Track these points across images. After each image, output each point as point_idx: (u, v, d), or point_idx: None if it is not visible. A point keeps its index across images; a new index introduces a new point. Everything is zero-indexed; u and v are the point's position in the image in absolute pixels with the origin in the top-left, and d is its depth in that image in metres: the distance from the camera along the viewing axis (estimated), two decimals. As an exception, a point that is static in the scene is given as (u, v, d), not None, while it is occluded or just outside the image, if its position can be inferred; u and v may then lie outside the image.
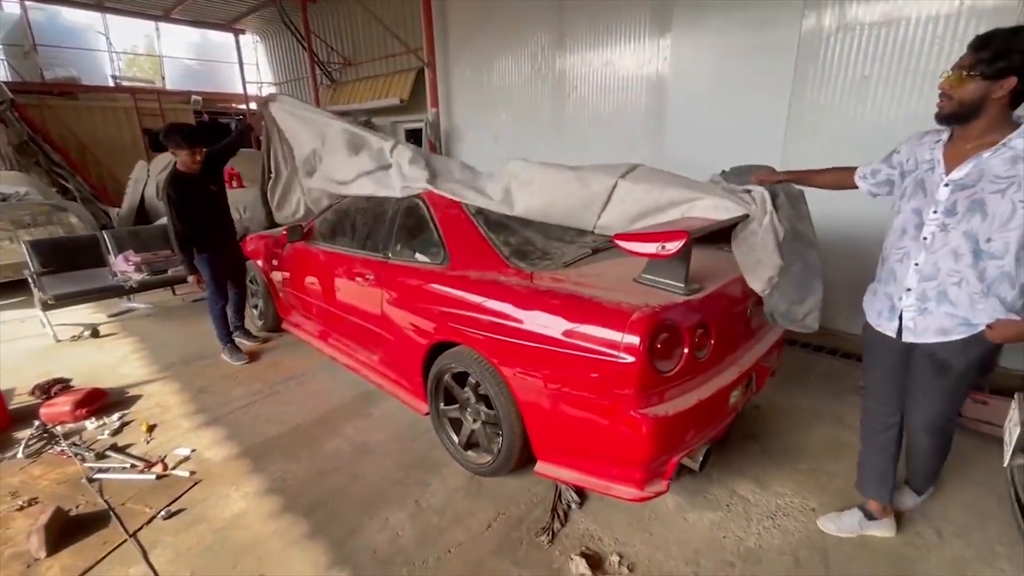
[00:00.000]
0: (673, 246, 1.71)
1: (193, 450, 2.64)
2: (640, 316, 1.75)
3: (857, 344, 3.44)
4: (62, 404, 2.90)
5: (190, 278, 3.45)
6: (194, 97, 11.98)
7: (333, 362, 3.41)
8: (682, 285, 1.92)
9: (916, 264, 1.61)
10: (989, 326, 1.53)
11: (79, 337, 4.21)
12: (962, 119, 1.51)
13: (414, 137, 8.67)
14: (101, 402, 3.06)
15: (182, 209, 3.26)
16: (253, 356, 3.78)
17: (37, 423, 2.79)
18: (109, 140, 10.79)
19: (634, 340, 1.72)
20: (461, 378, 2.37)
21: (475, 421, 2.37)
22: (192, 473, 2.45)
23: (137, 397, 3.22)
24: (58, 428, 2.83)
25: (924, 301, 1.61)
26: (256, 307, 4.28)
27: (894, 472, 1.93)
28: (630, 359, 1.73)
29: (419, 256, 2.66)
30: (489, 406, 2.26)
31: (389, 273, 2.72)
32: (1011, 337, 1.50)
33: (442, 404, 2.50)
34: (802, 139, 3.68)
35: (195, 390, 3.29)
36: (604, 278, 2.12)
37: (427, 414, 2.60)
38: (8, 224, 5.02)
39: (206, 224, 3.39)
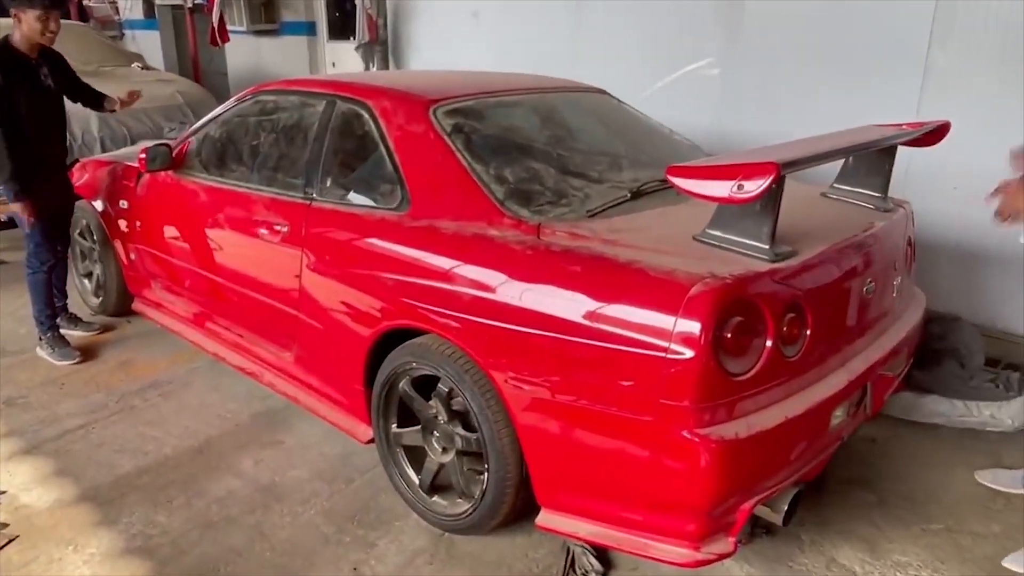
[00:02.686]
0: (755, 186, 1.83)
1: (2, 492, 2.74)
2: (703, 291, 1.87)
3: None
4: None
5: (16, 206, 3.50)
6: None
7: (217, 362, 3.52)
8: (767, 247, 2.04)
9: None
10: None
11: None
12: None
13: (340, 9, 8.66)
14: None
15: (6, 100, 3.35)
16: (87, 352, 3.87)
17: None
18: None
19: (692, 326, 1.85)
20: (425, 385, 2.48)
21: (446, 451, 2.50)
22: (3, 526, 2.56)
23: (-95, 412, 3.30)
24: None
25: None
26: (90, 275, 4.36)
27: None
28: (686, 354, 1.86)
29: (361, 197, 2.75)
30: (469, 427, 2.39)
31: (313, 223, 2.82)
32: None
33: (394, 425, 2.62)
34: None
35: (-1, 402, 3.39)
36: (648, 234, 2.23)
37: (370, 441, 2.73)
38: None
39: (32, 137, 3.47)
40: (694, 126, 4.14)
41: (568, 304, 2.05)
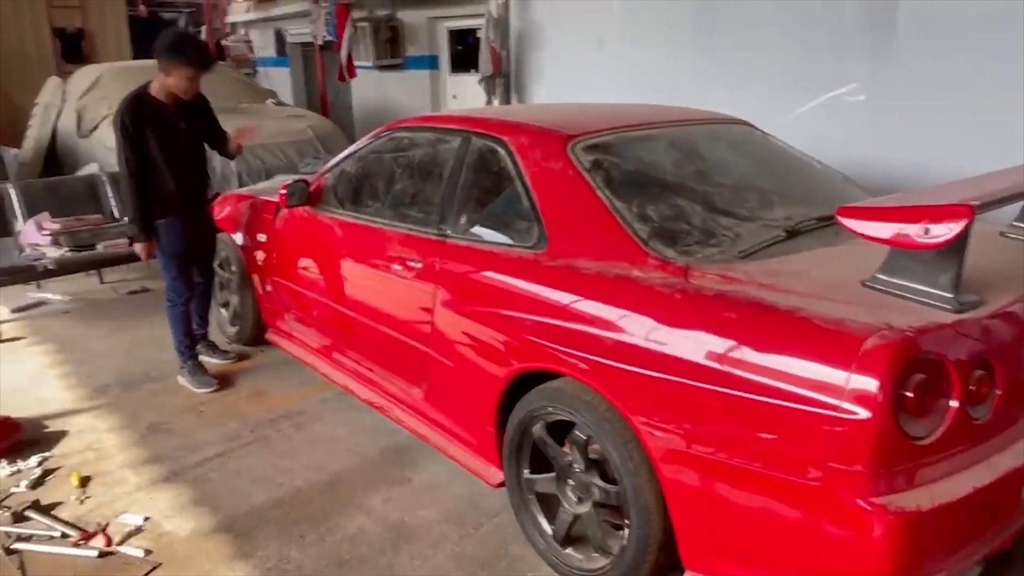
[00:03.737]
0: (945, 230, 1.67)
1: (147, 518, 2.86)
2: (880, 344, 1.72)
3: None
4: (-37, 439, 3.23)
5: (138, 247, 3.74)
6: (128, -20, 12.84)
7: (347, 395, 3.58)
8: (950, 295, 1.87)
9: None
10: None
11: (-26, 340, 4.67)
12: None
13: (462, 43, 8.90)
14: (13, 438, 3.38)
15: (138, 146, 3.58)
16: (224, 380, 4.04)
17: (-68, 464, 3.13)
18: (5, 46, 11.75)
19: (869, 384, 1.71)
20: (561, 431, 2.43)
21: (582, 501, 2.42)
22: (148, 553, 2.66)
23: (61, 434, 3.53)
24: (-42, 473, 3.16)
25: None
26: (227, 305, 4.57)
27: None
28: (861, 414, 1.71)
29: (497, 235, 2.74)
30: (607, 478, 2.31)
31: (447, 260, 2.83)
32: None
33: (527, 471, 2.57)
34: None
35: (143, 428, 3.57)
36: (809, 278, 2.10)
37: (501, 485, 2.69)
38: None
39: (172, 175, 3.69)
40: (836, 156, 3.94)
41: (722, 353, 1.94)
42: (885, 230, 1.80)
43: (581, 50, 6.47)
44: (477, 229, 2.83)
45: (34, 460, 3.27)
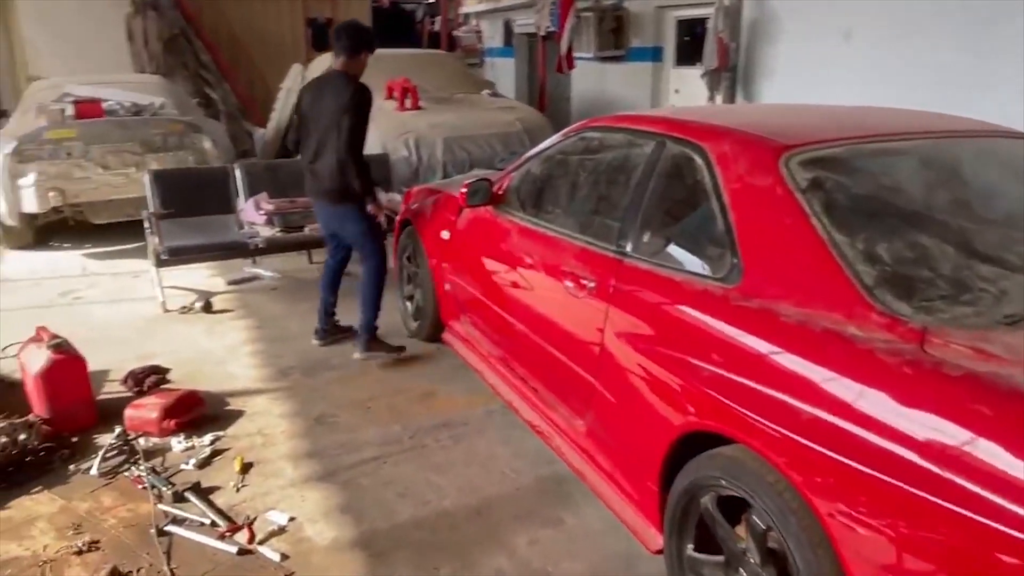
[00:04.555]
0: None
1: (292, 518, 2.81)
2: None
3: None
4: (150, 409, 3.41)
5: (371, 207, 3.98)
6: (375, -28, 13.66)
7: (510, 411, 3.35)
8: None
9: None
10: None
11: (189, 309, 5.04)
12: None
13: (690, 34, 8.37)
14: (195, 412, 3.52)
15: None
16: (398, 377, 4.00)
17: (119, 430, 3.33)
18: (265, 34, 13.00)
19: None
20: (734, 508, 2.01)
21: (754, 599, 1.98)
22: (284, 558, 2.60)
23: (238, 414, 3.63)
24: (141, 441, 3.33)
25: None
26: (411, 299, 4.53)
27: None
28: None
29: (682, 260, 2.35)
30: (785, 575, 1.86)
31: (623, 282, 2.49)
32: None
33: (691, 547, 2.17)
34: None
35: (312, 419, 3.59)
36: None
37: (659, 552, 2.31)
38: (138, 146, 6.29)
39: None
40: None
41: (968, 463, 1.42)
42: None
43: (823, 43, 5.74)
44: (660, 250, 2.44)
45: (208, 438, 3.38)
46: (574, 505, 2.89)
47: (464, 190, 3.38)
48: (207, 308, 5.03)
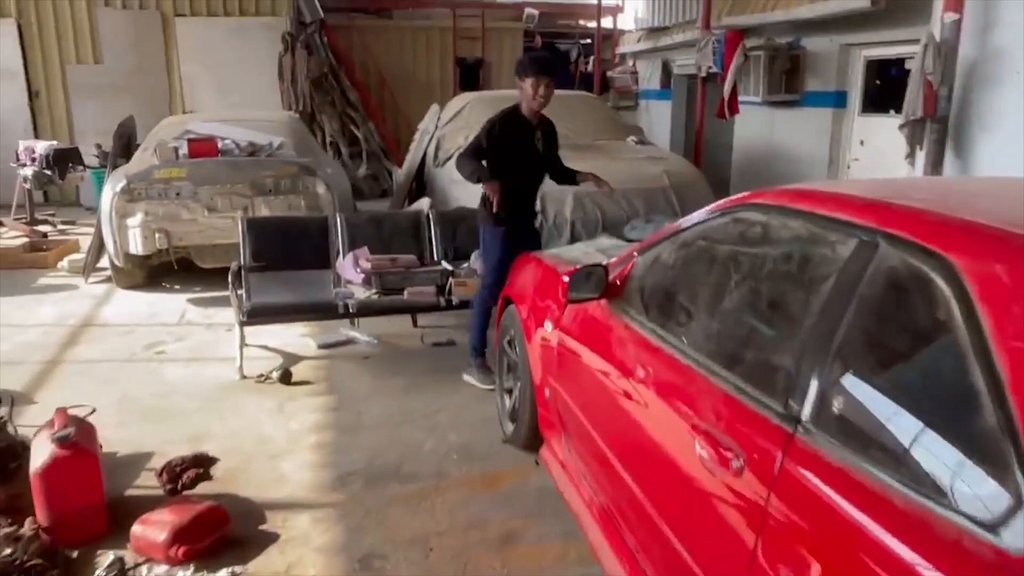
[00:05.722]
0: None
1: None
2: None
3: None
4: (159, 529, 2.76)
5: (486, 186, 3.94)
6: (528, 11, 13.25)
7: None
8: None
9: None
10: None
11: (266, 378, 4.45)
12: None
13: (883, 74, 7.13)
14: (215, 535, 2.83)
15: (495, 147, 3.98)
16: (477, 510, 3.13)
17: (112, 557, 2.69)
18: (413, 73, 12.87)
19: None
20: None
21: None
22: None
23: (270, 539, 2.91)
24: (144, 570, 2.68)
25: None
26: (511, 393, 3.69)
27: None
28: None
29: (904, 458, 1.33)
30: None
31: (797, 466, 1.50)
32: None
33: None
34: None
35: (355, 559, 2.79)
36: None
37: None
38: (248, 188, 5.90)
39: (513, 184, 3.97)
40: None
41: None
42: None
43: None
44: (863, 431, 1.44)
45: (223, 574, 2.67)
46: None
47: (566, 279, 2.49)
48: (285, 379, 4.42)
